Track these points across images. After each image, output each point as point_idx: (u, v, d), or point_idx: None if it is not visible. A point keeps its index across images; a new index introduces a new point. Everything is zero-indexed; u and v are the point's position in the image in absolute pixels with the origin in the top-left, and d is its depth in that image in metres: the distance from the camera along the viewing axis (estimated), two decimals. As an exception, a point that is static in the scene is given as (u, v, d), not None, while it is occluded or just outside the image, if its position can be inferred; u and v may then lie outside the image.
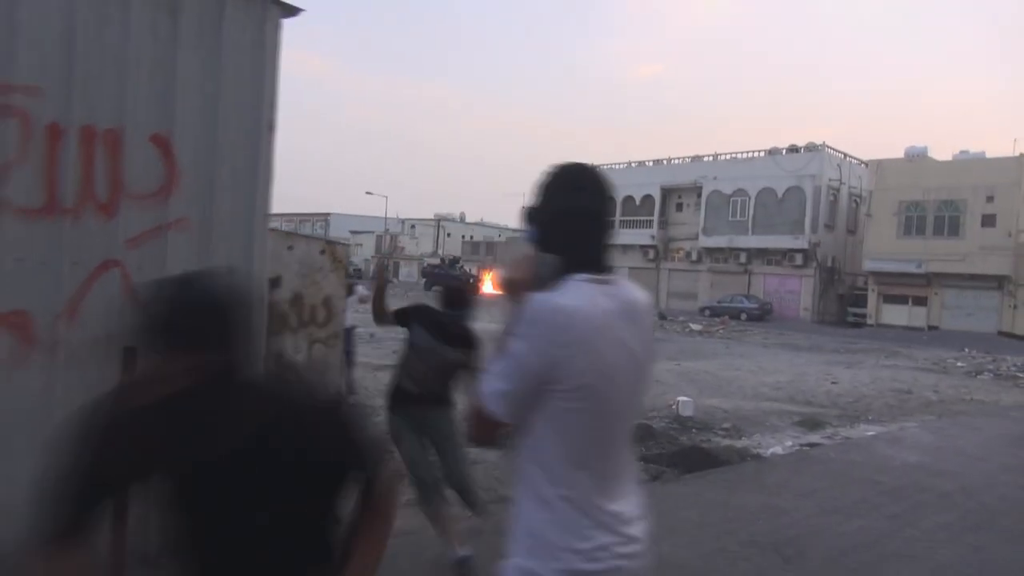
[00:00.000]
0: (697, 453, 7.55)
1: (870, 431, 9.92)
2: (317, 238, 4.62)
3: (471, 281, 47.43)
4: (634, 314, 1.67)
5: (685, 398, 10.38)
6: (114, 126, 3.39)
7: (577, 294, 1.58)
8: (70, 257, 3.30)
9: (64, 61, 3.24)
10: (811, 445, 8.80)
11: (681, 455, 7.39)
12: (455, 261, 50.88)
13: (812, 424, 10.09)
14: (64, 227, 3.28)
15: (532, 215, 1.75)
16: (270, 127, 3.89)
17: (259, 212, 3.88)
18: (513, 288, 1.66)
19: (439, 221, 74.64)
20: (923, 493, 6.61)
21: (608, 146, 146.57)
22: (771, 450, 8.41)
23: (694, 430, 9.02)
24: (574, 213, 1.69)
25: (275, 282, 4.06)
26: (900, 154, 44.17)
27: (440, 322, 4.19)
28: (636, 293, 1.71)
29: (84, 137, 3.31)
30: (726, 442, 8.56)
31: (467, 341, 4.16)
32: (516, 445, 1.63)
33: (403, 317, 4.25)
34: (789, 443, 8.85)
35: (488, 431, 1.61)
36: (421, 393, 4.15)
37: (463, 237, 72.07)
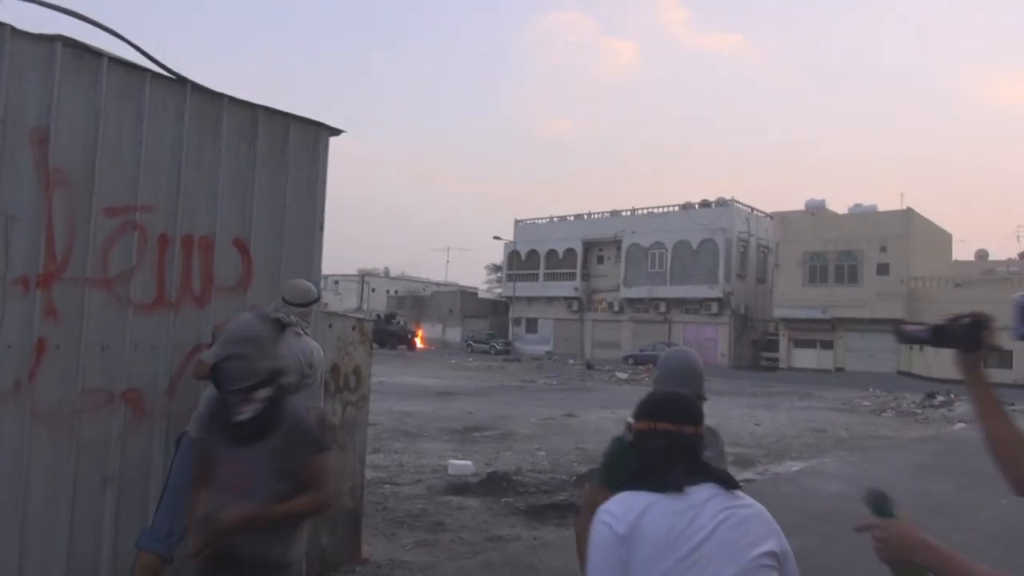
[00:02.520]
0: (651, 492, 8.47)
1: (795, 467, 11.09)
2: (350, 316, 5.38)
3: (411, 335, 46.65)
4: None
5: (630, 443, 11.35)
6: (207, 233, 4.14)
7: None
8: (172, 341, 3.99)
9: (172, 183, 3.99)
10: (746, 481, 9.84)
11: (638, 494, 8.29)
12: (392, 316, 50.96)
13: (744, 463, 11.19)
14: (169, 317, 3.98)
15: None
16: (320, 227, 4.68)
17: (312, 298, 4.64)
18: None
19: (363, 276, 74.73)
20: (846, 516, 7.68)
21: (527, 200, 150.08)
22: (713, 487, 9.42)
23: (642, 472, 9.97)
24: None
25: (319, 355, 4.78)
26: (800, 206, 47.65)
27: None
28: None
29: (185, 243, 4.04)
30: (672, 482, 9.53)
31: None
32: None
33: None
34: (727, 480, 9.90)
35: None
36: None
37: (388, 292, 72.30)
